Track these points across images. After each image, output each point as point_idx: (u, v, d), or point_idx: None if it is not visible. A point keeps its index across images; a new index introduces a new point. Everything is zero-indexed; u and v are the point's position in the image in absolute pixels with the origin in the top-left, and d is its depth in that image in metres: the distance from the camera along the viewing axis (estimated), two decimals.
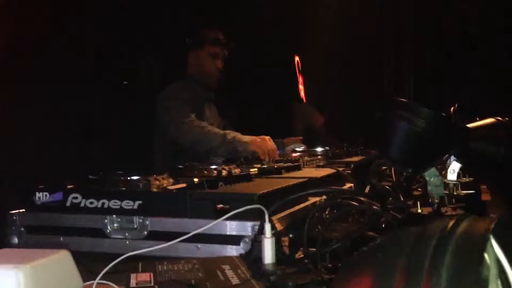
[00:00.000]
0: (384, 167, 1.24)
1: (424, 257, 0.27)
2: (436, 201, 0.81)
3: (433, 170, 0.81)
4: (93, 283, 0.60)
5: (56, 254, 0.48)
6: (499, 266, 0.27)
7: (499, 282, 0.27)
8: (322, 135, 2.65)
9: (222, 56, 2.29)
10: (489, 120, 0.92)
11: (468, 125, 0.89)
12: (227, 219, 0.76)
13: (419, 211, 0.85)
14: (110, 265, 0.63)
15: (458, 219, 0.29)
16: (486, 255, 0.27)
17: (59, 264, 0.48)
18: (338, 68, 3.50)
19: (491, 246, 0.27)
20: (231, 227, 0.80)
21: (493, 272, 0.27)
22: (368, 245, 0.31)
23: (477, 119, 0.96)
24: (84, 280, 0.59)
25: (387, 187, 1.05)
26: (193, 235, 0.72)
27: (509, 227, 0.28)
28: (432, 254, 0.27)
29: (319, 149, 1.95)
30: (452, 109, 1.00)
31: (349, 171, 1.33)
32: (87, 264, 0.71)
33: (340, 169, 1.35)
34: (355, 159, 1.74)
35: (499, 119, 0.93)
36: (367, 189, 1.05)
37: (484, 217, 0.29)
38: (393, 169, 1.18)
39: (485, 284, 0.26)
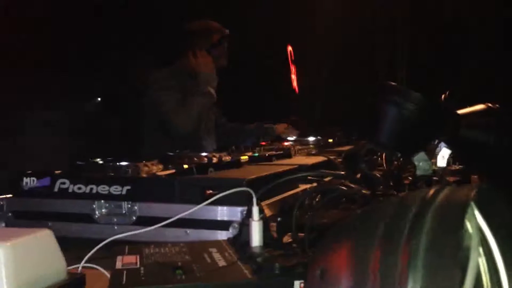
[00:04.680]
0: (374, 156, 1.24)
1: (403, 224, 0.26)
2: (424, 185, 0.81)
3: (422, 154, 0.81)
4: (78, 267, 0.60)
5: (38, 233, 0.47)
6: (481, 235, 0.27)
7: (481, 250, 0.26)
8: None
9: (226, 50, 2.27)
10: (480, 107, 0.92)
11: (458, 111, 0.88)
12: (216, 204, 0.76)
13: None
14: (95, 248, 0.63)
15: (438, 187, 0.28)
16: (467, 223, 0.26)
17: (41, 243, 0.47)
18: (332, 57, 3.50)
19: (473, 214, 0.27)
20: (221, 213, 0.80)
21: (475, 240, 0.26)
22: (349, 216, 0.31)
23: (467, 106, 0.96)
24: (72, 265, 0.59)
25: (377, 174, 1.05)
26: (182, 221, 0.72)
27: (491, 195, 0.28)
28: (411, 221, 0.26)
29: (311, 138, 1.95)
30: (443, 96, 1.00)
31: (340, 160, 1.33)
32: (74, 250, 0.71)
33: (331, 157, 1.34)
34: (347, 148, 1.74)
35: (490, 106, 0.92)
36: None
37: (465, 185, 0.29)
38: (384, 158, 1.18)
39: (467, 251, 0.25)
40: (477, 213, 0.27)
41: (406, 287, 0.24)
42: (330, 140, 1.98)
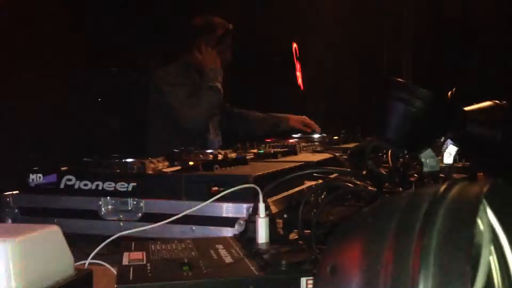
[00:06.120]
0: (379, 153, 1.24)
1: (415, 220, 0.26)
2: (431, 182, 0.81)
3: (429, 151, 0.81)
4: (85, 263, 0.60)
5: (46, 229, 0.47)
6: (492, 232, 0.27)
7: (492, 248, 0.26)
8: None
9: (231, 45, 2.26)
10: (487, 103, 0.91)
11: (466, 108, 0.88)
12: (222, 201, 0.76)
13: None
14: (102, 244, 0.63)
15: (450, 183, 0.28)
16: (479, 220, 0.26)
17: (48, 239, 0.47)
18: (337, 55, 3.49)
19: (485, 211, 0.27)
20: (227, 209, 0.80)
21: (486, 237, 0.26)
22: (360, 211, 0.31)
23: (474, 103, 0.95)
24: (78, 261, 0.59)
25: (383, 172, 1.04)
26: (188, 217, 0.72)
27: (503, 192, 0.28)
28: (423, 217, 0.26)
29: (316, 135, 1.94)
30: (450, 93, 0.99)
31: (345, 157, 1.32)
32: (81, 246, 0.71)
33: (337, 154, 1.34)
34: (353, 145, 1.73)
35: (497, 102, 0.92)
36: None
37: (476, 181, 0.28)
38: (389, 155, 1.17)
39: (478, 248, 0.25)
40: (488, 210, 0.27)
41: (418, 285, 0.24)
42: (335, 137, 1.97)
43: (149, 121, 2.25)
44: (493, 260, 0.27)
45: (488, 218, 0.27)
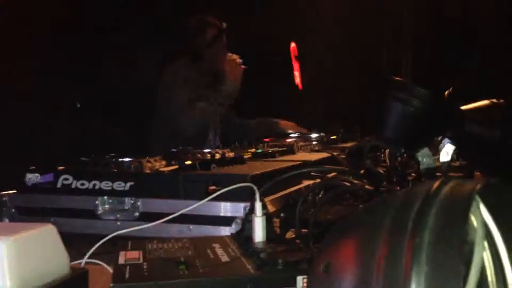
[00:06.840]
0: (378, 153, 1.24)
1: (408, 218, 0.26)
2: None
3: (425, 150, 0.81)
4: (81, 262, 0.60)
5: (41, 228, 0.47)
6: (486, 229, 0.27)
7: (486, 245, 0.26)
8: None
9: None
10: (484, 102, 0.91)
11: (463, 107, 0.88)
12: (219, 200, 0.76)
13: None
14: (98, 243, 0.63)
15: (442, 181, 0.28)
16: (472, 217, 0.26)
17: (44, 239, 0.47)
18: (336, 55, 3.49)
19: (478, 208, 0.27)
20: (224, 208, 0.79)
21: (479, 234, 0.26)
22: (356, 209, 0.31)
23: (473, 102, 0.95)
24: (75, 260, 0.59)
25: (381, 171, 1.04)
26: (185, 216, 0.72)
27: (497, 189, 0.28)
28: (416, 216, 0.26)
29: (314, 135, 1.94)
30: (447, 92, 0.99)
31: (343, 156, 1.32)
32: (78, 245, 0.71)
33: (335, 153, 1.34)
34: (351, 144, 1.73)
35: (495, 102, 0.92)
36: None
37: (470, 179, 0.28)
38: (387, 154, 1.17)
39: (471, 245, 0.25)
40: (482, 207, 0.27)
41: (410, 282, 0.24)
42: (333, 137, 1.97)
43: (149, 121, 2.25)
44: (487, 257, 0.27)
45: (482, 215, 0.27)
